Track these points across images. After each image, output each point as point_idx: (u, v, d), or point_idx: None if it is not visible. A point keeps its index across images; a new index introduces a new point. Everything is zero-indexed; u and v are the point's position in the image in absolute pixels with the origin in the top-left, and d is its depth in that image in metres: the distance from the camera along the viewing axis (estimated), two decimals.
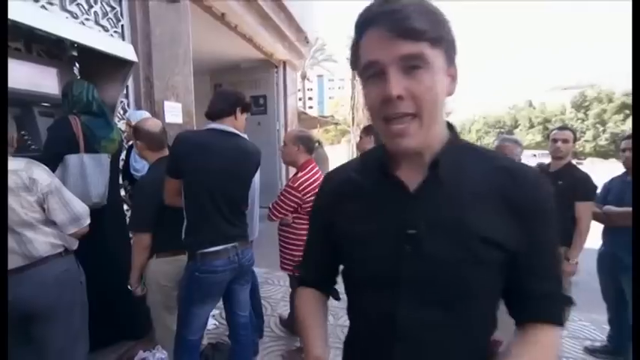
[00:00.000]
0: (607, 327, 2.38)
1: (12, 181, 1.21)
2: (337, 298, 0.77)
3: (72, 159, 1.69)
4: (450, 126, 0.61)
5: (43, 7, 1.82)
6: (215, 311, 2.78)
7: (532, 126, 35.63)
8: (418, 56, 0.49)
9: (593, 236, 2.24)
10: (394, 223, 0.57)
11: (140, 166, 2.05)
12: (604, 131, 28.26)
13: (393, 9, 0.49)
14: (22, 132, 1.80)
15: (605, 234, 2.23)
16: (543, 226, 0.57)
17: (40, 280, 1.28)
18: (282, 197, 2.09)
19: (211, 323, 2.66)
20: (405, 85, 0.50)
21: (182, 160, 1.48)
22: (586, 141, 29.39)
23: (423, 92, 0.50)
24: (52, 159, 1.62)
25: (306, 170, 2.09)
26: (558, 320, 0.58)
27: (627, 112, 26.09)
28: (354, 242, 0.62)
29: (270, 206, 2.14)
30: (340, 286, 0.74)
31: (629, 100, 27.81)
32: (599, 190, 2.24)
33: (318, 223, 0.74)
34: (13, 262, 1.23)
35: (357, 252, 0.62)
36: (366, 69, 0.53)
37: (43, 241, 1.29)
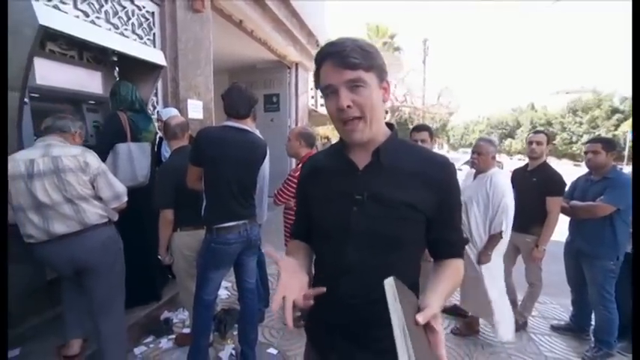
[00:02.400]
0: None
1: (72, 163, 1.45)
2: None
3: (121, 147, 1.91)
4: (391, 126, 0.80)
5: (92, 21, 2.04)
6: (227, 283, 3.01)
7: (534, 127, 34.72)
8: (357, 79, 0.67)
9: (564, 230, 2.33)
10: (347, 190, 0.75)
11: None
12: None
13: (338, 49, 0.67)
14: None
15: (571, 226, 2.32)
16: (451, 195, 0.76)
17: (90, 243, 1.52)
18: (284, 185, 2.25)
19: (224, 293, 2.89)
20: (351, 98, 0.68)
21: (202, 151, 1.65)
22: (583, 144, 28.65)
23: (363, 102, 0.69)
24: (106, 147, 1.85)
25: None
26: (461, 255, 0.80)
27: (619, 116, 25.30)
28: (320, 202, 0.80)
29: (275, 192, 2.29)
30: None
31: (621, 106, 26.45)
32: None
33: (300, 193, 0.92)
34: (72, 226, 1.47)
35: (320, 209, 0.80)
36: (325, 89, 0.71)
37: (93, 212, 1.53)
